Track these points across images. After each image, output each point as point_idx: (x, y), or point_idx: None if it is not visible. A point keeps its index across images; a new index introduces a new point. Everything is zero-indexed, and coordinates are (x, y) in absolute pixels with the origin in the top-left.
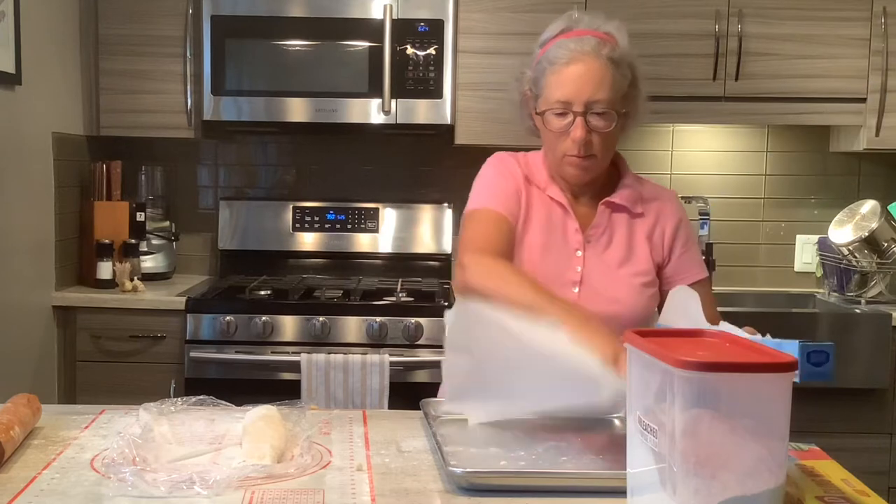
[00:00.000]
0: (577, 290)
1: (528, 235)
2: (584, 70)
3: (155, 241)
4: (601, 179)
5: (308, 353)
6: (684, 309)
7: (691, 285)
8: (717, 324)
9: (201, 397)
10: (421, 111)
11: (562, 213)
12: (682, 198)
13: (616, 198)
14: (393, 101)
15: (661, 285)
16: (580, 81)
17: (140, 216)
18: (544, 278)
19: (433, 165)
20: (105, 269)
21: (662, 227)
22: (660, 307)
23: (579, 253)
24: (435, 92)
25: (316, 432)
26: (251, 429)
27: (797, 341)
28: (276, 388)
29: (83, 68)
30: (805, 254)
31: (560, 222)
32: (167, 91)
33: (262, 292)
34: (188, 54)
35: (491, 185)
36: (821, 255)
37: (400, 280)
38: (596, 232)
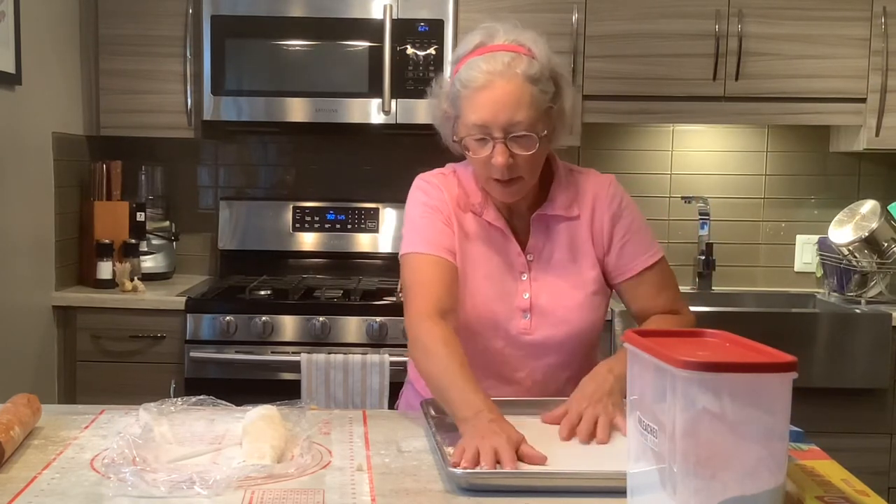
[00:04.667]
0: (527, 317)
1: (471, 266)
2: (500, 93)
3: (155, 241)
4: (535, 189)
5: (308, 353)
6: None
7: (638, 275)
8: (672, 311)
9: (201, 397)
10: (421, 111)
11: (502, 238)
12: (682, 198)
13: (547, 209)
14: (393, 101)
15: (608, 279)
16: (496, 106)
17: (140, 216)
18: (494, 310)
19: (433, 165)
20: (105, 269)
21: (601, 221)
22: (622, 299)
23: (525, 276)
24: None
25: (316, 432)
26: (251, 429)
27: None
28: (276, 388)
29: (83, 68)
30: (805, 254)
31: (501, 247)
32: (167, 91)
33: (262, 292)
34: (188, 54)
35: (421, 226)
36: (821, 255)
37: (400, 280)
38: (536, 249)
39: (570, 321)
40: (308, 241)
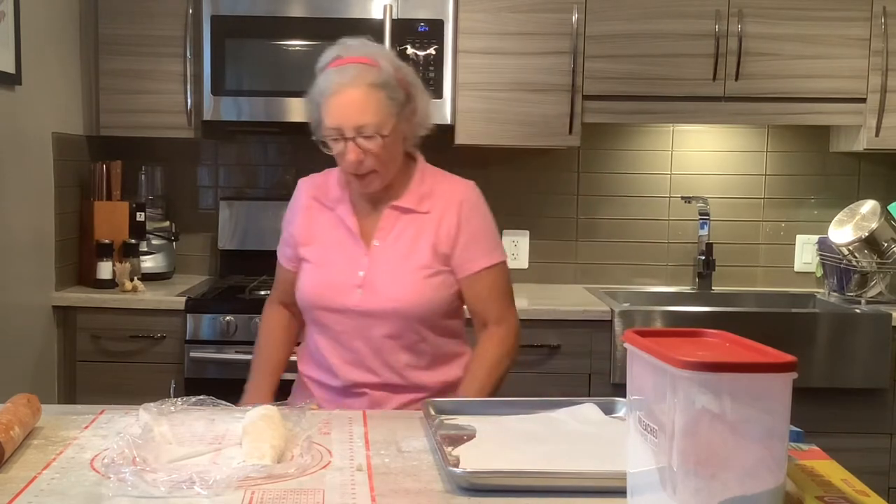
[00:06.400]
0: (360, 292)
1: (318, 253)
2: (349, 100)
3: (155, 241)
4: (396, 184)
5: None
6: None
7: (475, 274)
8: (501, 317)
9: (201, 397)
10: None
11: (346, 229)
12: (682, 198)
13: (401, 201)
14: None
15: (454, 274)
16: (346, 111)
17: (140, 216)
18: (332, 285)
19: (433, 165)
20: (105, 269)
21: (449, 222)
22: (464, 297)
23: (366, 259)
24: (435, 92)
25: (316, 432)
26: (251, 429)
27: None
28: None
29: (83, 68)
30: (805, 254)
31: (347, 236)
32: (167, 91)
33: (262, 292)
34: (188, 54)
35: (282, 233)
36: (821, 255)
37: None
38: (382, 234)
39: (401, 298)
40: None
